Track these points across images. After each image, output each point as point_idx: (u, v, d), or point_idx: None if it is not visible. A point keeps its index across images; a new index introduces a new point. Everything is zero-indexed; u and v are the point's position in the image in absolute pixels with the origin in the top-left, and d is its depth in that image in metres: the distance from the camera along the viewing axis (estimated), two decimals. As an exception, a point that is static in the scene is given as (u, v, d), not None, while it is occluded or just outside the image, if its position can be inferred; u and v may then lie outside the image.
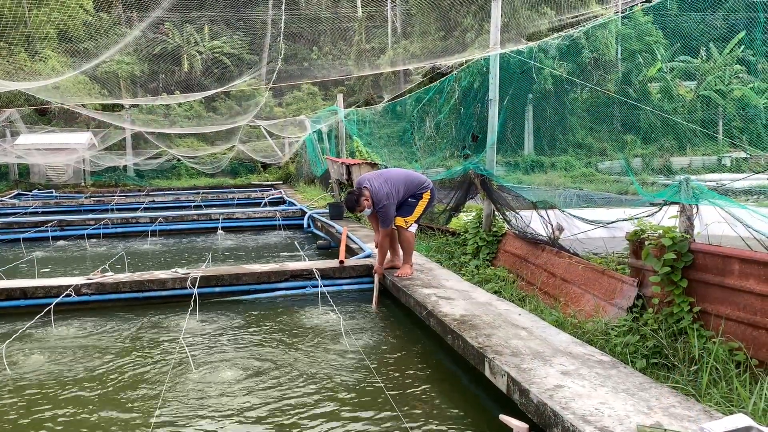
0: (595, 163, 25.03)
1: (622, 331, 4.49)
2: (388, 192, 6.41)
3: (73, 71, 14.77)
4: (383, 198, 6.38)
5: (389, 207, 6.42)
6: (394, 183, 6.52)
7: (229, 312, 6.42)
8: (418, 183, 6.71)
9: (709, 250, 4.25)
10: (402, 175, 6.76)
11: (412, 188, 6.65)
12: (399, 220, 6.61)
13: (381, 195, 6.39)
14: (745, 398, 3.34)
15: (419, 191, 6.69)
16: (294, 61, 31.68)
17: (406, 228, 6.64)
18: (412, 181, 6.71)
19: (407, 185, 6.62)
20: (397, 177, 6.68)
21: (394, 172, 6.96)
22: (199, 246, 11.73)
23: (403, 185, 6.58)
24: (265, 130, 24.00)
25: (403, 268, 6.76)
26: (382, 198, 6.39)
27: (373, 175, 6.72)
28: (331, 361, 4.86)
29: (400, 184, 6.57)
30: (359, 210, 6.50)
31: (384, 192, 6.40)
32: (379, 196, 6.40)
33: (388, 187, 6.44)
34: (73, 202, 18.97)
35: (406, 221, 6.64)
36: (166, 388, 4.34)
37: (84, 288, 6.59)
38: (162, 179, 28.61)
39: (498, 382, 3.77)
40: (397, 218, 6.60)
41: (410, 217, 6.65)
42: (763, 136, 16.93)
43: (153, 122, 27.58)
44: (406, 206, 6.65)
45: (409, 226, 6.66)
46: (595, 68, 23.77)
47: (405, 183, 6.61)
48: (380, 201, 6.40)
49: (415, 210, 6.67)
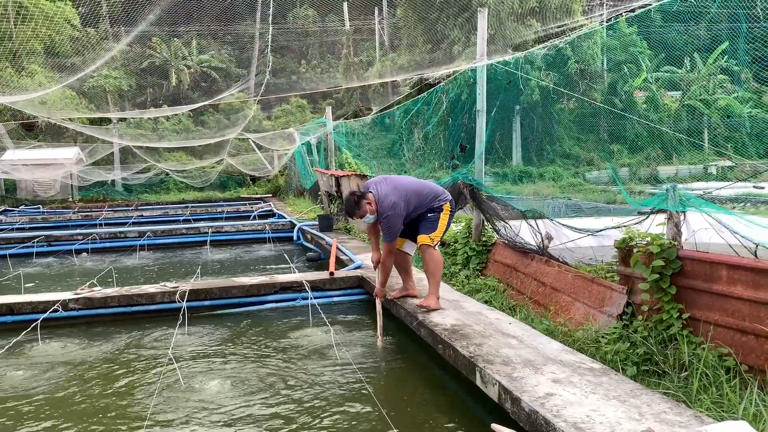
0: (582, 173, 25.20)
1: (612, 338, 4.50)
2: (395, 202, 5.50)
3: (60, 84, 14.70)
4: (388, 207, 5.48)
5: (394, 219, 5.50)
6: (403, 192, 5.61)
7: (219, 325, 6.38)
8: (433, 195, 5.79)
9: (696, 257, 4.28)
10: (414, 185, 5.82)
11: (427, 201, 5.74)
12: (424, 238, 5.66)
13: (387, 203, 5.49)
14: (735, 403, 3.35)
15: (437, 204, 5.78)
16: (283, 75, 31.74)
17: (432, 246, 5.64)
18: (426, 192, 5.78)
19: (419, 197, 5.71)
20: (408, 186, 5.74)
21: (406, 180, 5.98)
22: (188, 260, 11.66)
23: (414, 196, 5.67)
24: (254, 143, 23.98)
25: (428, 298, 5.63)
26: (387, 207, 5.49)
27: (380, 180, 5.83)
28: (322, 373, 4.83)
29: (411, 194, 5.65)
30: (359, 215, 5.60)
31: (391, 200, 5.49)
32: (384, 204, 5.50)
33: (396, 196, 5.53)
34: (60, 218, 18.82)
35: (432, 238, 5.65)
36: (154, 403, 4.29)
37: (72, 303, 6.53)
38: (150, 193, 28.48)
39: (489, 391, 3.76)
40: (421, 236, 5.68)
41: (435, 233, 5.68)
42: (747, 145, 17.10)
43: (141, 137, 27.49)
44: (426, 222, 5.73)
45: (436, 244, 5.68)
46: (582, 79, 24.00)
47: (417, 194, 5.70)
48: (385, 210, 5.50)
49: (438, 225, 5.73)
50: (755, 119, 18.34)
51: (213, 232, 13.75)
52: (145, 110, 28.53)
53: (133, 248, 12.64)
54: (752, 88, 17.37)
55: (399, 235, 5.65)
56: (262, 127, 29.23)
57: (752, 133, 17.92)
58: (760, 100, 17.45)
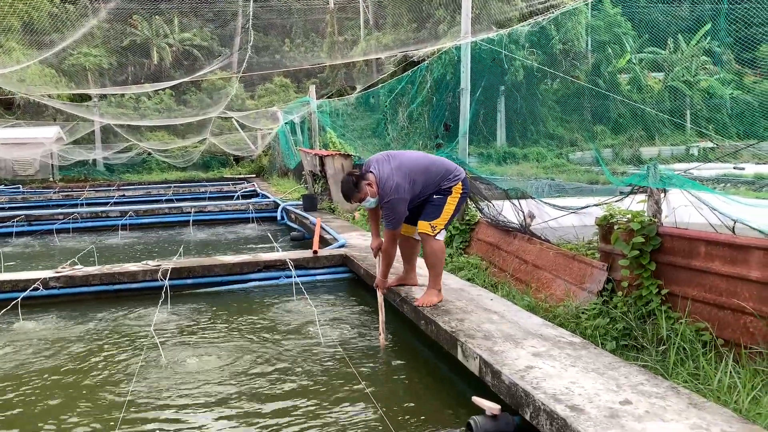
0: (566, 154, 25.31)
1: (592, 314, 4.55)
2: (398, 183, 4.76)
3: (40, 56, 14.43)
4: (391, 190, 4.75)
5: (397, 204, 4.77)
6: (409, 171, 4.87)
7: (201, 303, 6.37)
8: (443, 172, 5.01)
9: (676, 234, 4.33)
10: (421, 162, 5.01)
11: (436, 180, 4.96)
12: (423, 225, 4.93)
13: (389, 186, 4.76)
14: (711, 375, 3.42)
15: (447, 184, 4.98)
16: (266, 53, 31.39)
17: (433, 236, 4.89)
18: (435, 170, 4.99)
19: (428, 176, 4.94)
20: (415, 163, 4.95)
21: (412, 156, 5.12)
22: (171, 239, 11.60)
23: (422, 175, 4.91)
24: (237, 123, 23.79)
25: (428, 293, 5.01)
26: (390, 190, 4.75)
27: (383, 157, 5.04)
28: (305, 350, 4.85)
29: (418, 173, 4.90)
30: (358, 198, 4.90)
31: (394, 182, 4.76)
32: (386, 186, 4.78)
33: (400, 177, 4.80)
34: (41, 198, 18.60)
35: (433, 226, 4.89)
36: (136, 377, 4.29)
37: (52, 281, 6.48)
38: (132, 173, 28.22)
39: (470, 365, 3.80)
40: (421, 222, 4.95)
41: (438, 220, 4.91)
42: (728, 126, 17.27)
43: (122, 116, 27.17)
44: (430, 205, 4.98)
45: (438, 233, 4.91)
46: (566, 59, 24.00)
47: (425, 172, 4.93)
48: (386, 193, 4.77)
49: (443, 210, 4.94)
50: (736, 100, 18.49)
51: (196, 211, 13.67)
52: (127, 86, 28.13)
53: (115, 228, 12.54)
54: (734, 69, 17.49)
55: (404, 221, 4.97)
56: (245, 107, 28.99)
57: (733, 114, 18.09)
58: (741, 81, 17.58)
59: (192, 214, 13.45)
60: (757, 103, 12.56)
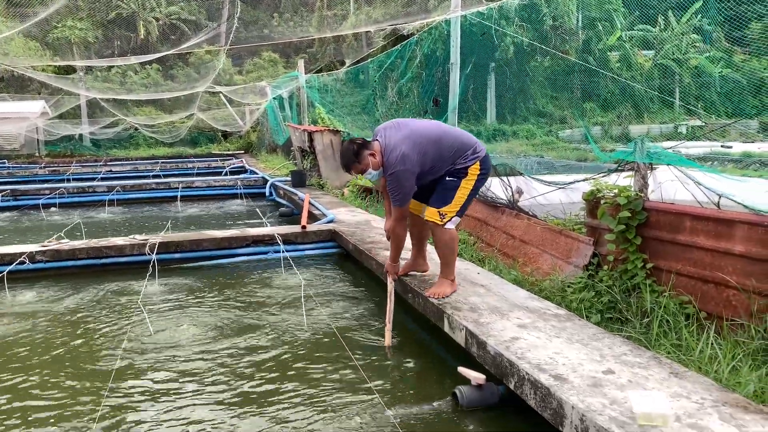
0: (555, 132, 25.33)
1: (578, 287, 4.60)
2: (406, 153, 4.16)
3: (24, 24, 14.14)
4: (396, 160, 4.16)
5: (404, 176, 4.17)
6: (419, 140, 4.25)
7: (189, 278, 6.36)
8: (458, 146, 4.34)
9: (662, 208, 4.36)
10: (434, 132, 4.35)
11: (450, 154, 4.32)
12: (431, 213, 4.35)
13: (395, 155, 4.17)
14: (692, 346, 3.47)
15: (462, 163, 4.34)
16: (254, 28, 31.01)
17: (442, 225, 4.32)
18: (449, 142, 4.33)
19: (440, 147, 4.30)
20: (426, 133, 4.32)
21: (425, 124, 4.48)
22: (159, 215, 11.54)
23: (433, 146, 4.27)
24: (225, 98, 23.56)
25: (439, 283, 4.47)
26: (395, 160, 4.16)
27: (391, 125, 4.48)
28: (293, 322, 4.87)
29: (429, 143, 4.27)
30: (358, 169, 4.34)
31: (400, 152, 4.16)
32: (391, 156, 4.19)
33: (408, 146, 4.19)
34: (26, 173, 18.42)
35: (442, 214, 4.31)
36: (123, 348, 4.30)
37: (39, 255, 6.44)
38: (119, 149, 27.98)
39: (456, 336, 3.84)
40: (429, 209, 4.40)
41: (448, 206, 4.32)
42: (717, 104, 17.30)
43: (109, 90, 26.83)
44: (440, 187, 4.39)
45: (448, 222, 4.32)
46: (557, 36, 23.90)
47: (437, 143, 4.29)
48: (391, 164, 4.19)
49: (455, 195, 4.33)
50: (725, 79, 18.52)
51: (184, 187, 13.59)
52: (113, 58, 27.74)
53: (102, 203, 12.46)
54: (723, 47, 17.48)
55: (413, 196, 4.39)
56: (233, 82, 28.71)
57: (722, 93, 18.11)
58: (730, 59, 17.59)
59: (180, 189, 13.37)
60: (746, 81, 12.59)
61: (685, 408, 2.62)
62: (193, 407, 3.50)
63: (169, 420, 3.35)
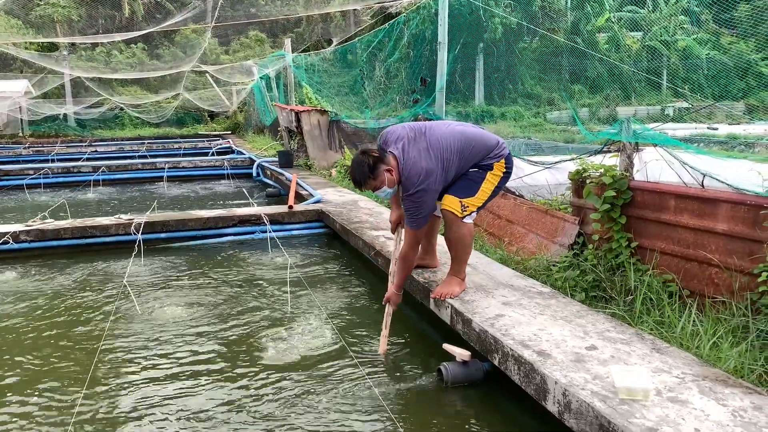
0: (543, 114, 25.33)
1: (562, 266, 4.63)
2: (429, 169, 3.63)
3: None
4: (419, 179, 3.60)
5: (426, 196, 3.64)
6: (442, 153, 3.72)
7: (175, 257, 6.35)
8: (483, 149, 3.86)
9: (647, 187, 4.39)
10: (457, 139, 3.81)
11: (475, 157, 3.84)
12: (451, 202, 3.81)
13: (416, 172, 3.61)
14: (674, 323, 3.51)
15: (487, 160, 3.87)
16: (241, 7, 30.67)
17: (461, 217, 3.81)
18: (473, 145, 3.83)
19: (463, 153, 3.80)
20: (448, 143, 3.77)
21: (446, 132, 3.84)
22: (145, 195, 11.47)
23: (456, 155, 3.78)
24: (211, 78, 23.32)
25: (448, 281, 4.01)
26: (417, 179, 3.60)
27: (406, 134, 3.82)
28: (279, 300, 4.87)
29: (452, 152, 3.76)
30: (372, 186, 3.71)
31: (423, 169, 3.62)
32: (412, 173, 3.62)
33: (431, 161, 3.66)
34: (10, 153, 18.17)
35: (464, 206, 3.81)
36: (110, 327, 4.29)
37: (23, 235, 6.39)
38: (105, 129, 27.65)
39: (442, 314, 3.86)
40: (448, 197, 3.83)
41: (472, 198, 3.83)
42: (704, 86, 17.37)
43: (93, 69, 26.46)
44: (465, 179, 3.87)
45: (467, 215, 3.84)
46: (545, 17, 23.82)
47: (461, 152, 3.79)
48: (413, 183, 3.61)
49: (480, 188, 3.85)
50: (713, 61, 18.57)
51: (170, 167, 13.49)
52: (97, 35, 27.32)
53: (88, 183, 12.34)
54: (711, 29, 17.50)
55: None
56: (219, 61, 28.40)
57: (709, 75, 18.17)
58: (718, 41, 17.62)
59: (166, 170, 13.27)
60: (732, 64, 12.63)
61: (666, 382, 2.66)
62: (179, 385, 3.50)
63: (153, 397, 3.36)
